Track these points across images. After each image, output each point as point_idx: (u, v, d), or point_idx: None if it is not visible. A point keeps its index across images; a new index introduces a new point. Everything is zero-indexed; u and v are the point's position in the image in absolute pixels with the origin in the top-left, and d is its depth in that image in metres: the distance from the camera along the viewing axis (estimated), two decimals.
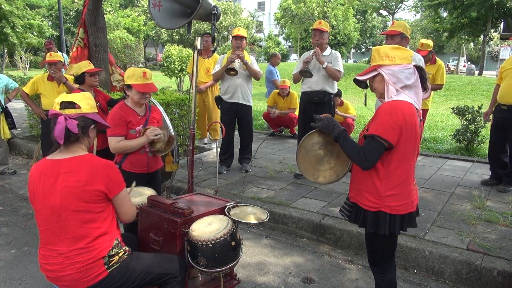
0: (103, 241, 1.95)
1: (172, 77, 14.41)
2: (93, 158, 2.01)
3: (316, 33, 4.62)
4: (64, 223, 1.91)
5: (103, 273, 1.93)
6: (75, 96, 2.04)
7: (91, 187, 1.91)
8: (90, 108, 2.04)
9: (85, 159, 1.98)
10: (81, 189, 1.90)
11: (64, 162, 1.94)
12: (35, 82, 5.01)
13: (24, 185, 5.30)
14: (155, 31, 35.29)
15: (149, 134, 2.96)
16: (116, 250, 1.99)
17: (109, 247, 1.97)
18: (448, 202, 4.17)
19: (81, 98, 2.04)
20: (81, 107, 2.00)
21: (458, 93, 15.86)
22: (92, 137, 2.10)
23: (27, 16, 20.47)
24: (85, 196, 1.90)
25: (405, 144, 2.00)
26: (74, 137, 1.96)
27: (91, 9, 5.68)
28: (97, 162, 1.99)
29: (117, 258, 1.98)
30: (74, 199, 1.90)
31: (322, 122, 2.17)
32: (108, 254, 1.95)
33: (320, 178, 2.31)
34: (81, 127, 1.97)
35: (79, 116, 1.98)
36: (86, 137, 2.04)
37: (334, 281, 3.05)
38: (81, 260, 1.90)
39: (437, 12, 26.10)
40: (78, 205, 1.90)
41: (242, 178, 4.97)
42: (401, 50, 2.05)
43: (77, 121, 1.95)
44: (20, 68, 26.02)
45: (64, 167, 1.93)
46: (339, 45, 34.49)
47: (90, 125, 2.04)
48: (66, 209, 1.90)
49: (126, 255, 2.03)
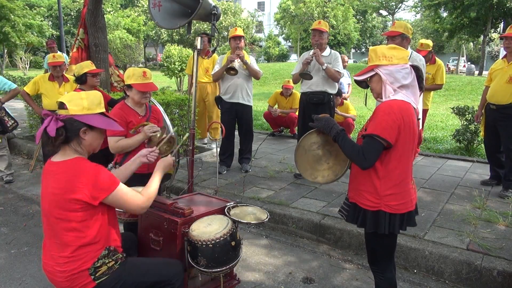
0: (87, 251, 1.85)
1: (172, 77, 14.43)
2: (77, 163, 1.86)
3: (316, 33, 4.62)
4: (52, 228, 1.87)
5: (90, 284, 1.85)
6: (66, 96, 1.93)
7: (69, 196, 1.79)
8: (80, 110, 1.87)
9: (70, 164, 1.85)
10: (61, 197, 1.81)
11: (55, 165, 1.88)
12: (36, 82, 5.01)
13: (24, 185, 5.30)
14: (155, 31, 35.30)
15: (146, 131, 2.96)
16: (104, 261, 1.88)
17: (95, 258, 1.86)
18: (448, 202, 4.17)
19: (71, 98, 1.90)
20: (68, 108, 1.86)
21: (458, 93, 15.87)
22: (89, 140, 1.92)
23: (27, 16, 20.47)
24: (64, 205, 1.81)
25: (403, 143, 2.01)
26: (57, 140, 1.82)
27: (91, 9, 5.68)
28: (80, 168, 1.84)
29: (104, 268, 1.88)
30: (55, 206, 1.83)
31: (321, 122, 2.18)
32: (93, 266, 1.85)
33: (319, 178, 2.32)
34: (66, 129, 1.83)
35: (66, 118, 1.85)
36: (76, 140, 1.88)
37: (334, 281, 3.05)
38: (68, 269, 1.84)
39: (437, 12, 26.12)
40: (59, 213, 1.82)
41: (242, 178, 4.97)
42: (398, 50, 2.06)
43: (62, 123, 1.83)
44: (20, 68, 26.04)
45: (54, 170, 1.87)
46: (339, 45, 34.50)
47: (80, 128, 1.87)
48: (51, 215, 1.85)
49: (117, 265, 1.93)
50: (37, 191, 5.06)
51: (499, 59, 4.66)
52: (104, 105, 2.01)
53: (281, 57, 40.99)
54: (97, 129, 1.94)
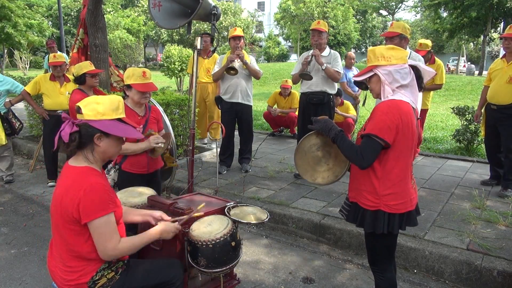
0: (84, 264, 1.80)
1: (172, 77, 14.42)
2: (81, 175, 1.79)
3: (315, 33, 4.61)
4: (53, 229, 1.87)
5: None
6: (83, 100, 1.86)
7: (64, 206, 1.75)
8: (94, 115, 1.79)
9: (77, 172, 1.80)
10: (59, 203, 1.77)
11: (68, 169, 1.85)
12: (37, 82, 5.01)
13: (24, 185, 5.30)
14: (155, 31, 35.29)
15: (152, 141, 2.98)
16: (103, 273, 1.83)
17: (93, 272, 1.81)
18: (448, 202, 4.17)
19: (87, 103, 1.83)
20: (83, 113, 1.80)
21: (458, 93, 15.86)
22: (104, 147, 1.83)
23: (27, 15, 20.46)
24: (61, 212, 1.76)
25: (401, 143, 2.01)
26: (70, 145, 1.77)
27: (91, 9, 5.68)
28: (80, 181, 1.76)
29: (104, 280, 1.83)
30: (54, 212, 1.81)
31: (319, 124, 2.19)
32: (91, 279, 1.80)
33: (319, 179, 2.33)
34: (80, 135, 1.78)
35: (81, 123, 1.78)
36: (90, 146, 1.82)
37: (334, 281, 3.05)
38: (67, 278, 1.81)
39: (437, 12, 26.11)
40: (57, 218, 1.79)
41: (242, 178, 4.97)
42: (396, 50, 2.06)
43: (77, 128, 1.77)
44: (20, 68, 26.02)
45: (66, 173, 1.84)
46: (339, 45, 34.49)
47: (94, 134, 1.79)
48: (53, 218, 1.84)
49: (118, 275, 1.88)
50: (37, 191, 5.06)
51: (498, 58, 4.66)
52: (123, 110, 1.91)
53: (281, 57, 41.00)
54: (113, 136, 1.84)
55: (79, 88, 4.14)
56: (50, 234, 1.96)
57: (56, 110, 4.98)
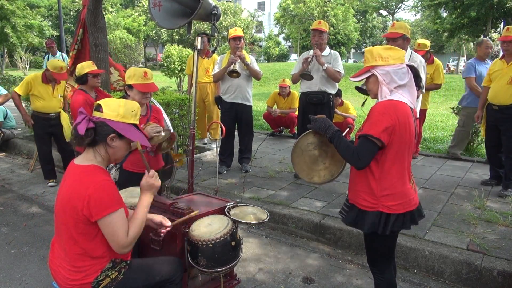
0: (89, 264, 1.82)
1: (172, 77, 14.43)
2: (90, 173, 1.81)
3: (316, 33, 4.62)
4: (59, 229, 1.87)
5: None
6: (105, 100, 1.91)
7: (72, 203, 1.76)
8: (115, 116, 1.84)
9: (85, 170, 1.82)
10: (66, 201, 1.78)
11: (74, 168, 1.86)
12: (29, 83, 4.90)
13: (24, 185, 5.30)
14: (155, 31, 35.31)
15: (149, 131, 2.96)
16: (107, 273, 1.85)
17: (98, 272, 1.83)
18: (448, 202, 4.17)
19: (109, 103, 1.89)
20: (103, 112, 1.85)
21: (458, 93, 15.85)
22: (115, 148, 1.88)
23: (28, 16, 20.48)
24: (68, 210, 1.78)
25: (399, 144, 2.00)
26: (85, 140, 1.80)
27: (91, 9, 5.67)
28: (89, 179, 1.78)
29: (107, 281, 1.85)
30: (61, 210, 1.81)
31: (317, 123, 2.19)
32: (96, 279, 1.82)
33: (315, 178, 2.33)
34: (95, 132, 1.82)
35: (98, 121, 1.83)
36: (102, 145, 1.85)
37: (334, 281, 3.05)
38: (70, 278, 1.82)
39: (437, 12, 26.10)
40: (63, 217, 1.80)
41: (242, 178, 4.97)
42: (394, 50, 2.06)
43: (93, 125, 1.81)
44: (20, 68, 26.04)
45: (72, 172, 1.86)
46: (339, 45, 34.50)
47: (108, 134, 1.83)
48: (58, 216, 1.85)
49: (121, 275, 1.90)
50: (37, 191, 5.06)
51: (497, 59, 4.65)
52: (139, 117, 1.96)
53: (281, 57, 41.02)
54: (125, 139, 1.89)
55: (80, 88, 4.11)
56: (50, 234, 1.97)
57: (48, 113, 4.95)
